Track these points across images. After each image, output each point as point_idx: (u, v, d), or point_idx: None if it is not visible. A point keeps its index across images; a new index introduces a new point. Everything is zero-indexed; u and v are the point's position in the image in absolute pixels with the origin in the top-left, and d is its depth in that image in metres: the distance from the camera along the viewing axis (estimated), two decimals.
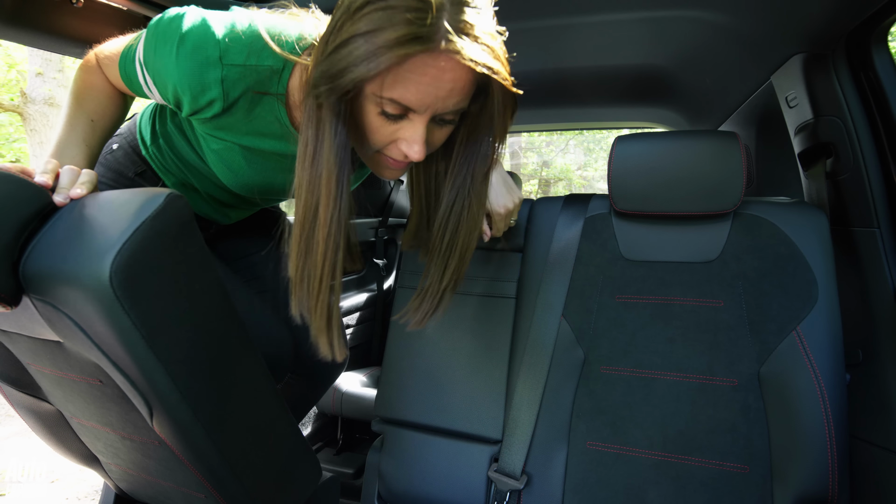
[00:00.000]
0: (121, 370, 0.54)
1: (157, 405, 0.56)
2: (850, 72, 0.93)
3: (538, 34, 1.12)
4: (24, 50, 5.18)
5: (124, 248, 0.49)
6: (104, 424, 0.73)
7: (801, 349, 0.83)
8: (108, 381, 0.62)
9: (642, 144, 0.94)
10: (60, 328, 0.57)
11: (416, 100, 0.60)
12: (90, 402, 0.70)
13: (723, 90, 1.36)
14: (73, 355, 0.62)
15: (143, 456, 0.75)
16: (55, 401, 0.76)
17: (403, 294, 1.16)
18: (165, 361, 0.54)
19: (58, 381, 0.70)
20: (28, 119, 4.77)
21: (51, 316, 0.55)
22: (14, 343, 0.69)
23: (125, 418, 0.68)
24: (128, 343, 0.52)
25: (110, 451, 0.81)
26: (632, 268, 0.97)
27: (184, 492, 0.78)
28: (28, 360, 0.72)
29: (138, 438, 0.71)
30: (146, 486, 0.86)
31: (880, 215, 0.91)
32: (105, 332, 0.51)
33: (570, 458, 0.93)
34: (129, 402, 0.63)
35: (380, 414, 1.10)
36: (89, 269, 0.49)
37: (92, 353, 0.56)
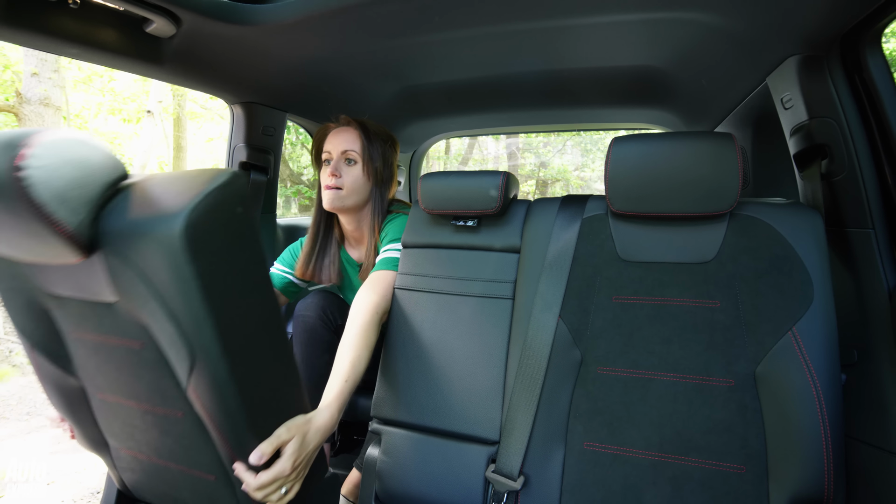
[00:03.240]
0: (174, 319, 0.61)
1: (200, 357, 0.62)
2: (845, 73, 0.93)
3: (535, 36, 1.12)
4: (19, 50, 5.16)
5: (196, 208, 0.58)
6: (129, 397, 0.77)
7: (797, 349, 0.83)
8: (150, 344, 0.68)
9: (639, 145, 0.95)
10: (122, 282, 0.64)
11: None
12: (122, 371, 0.75)
13: (719, 92, 1.36)
14: (121, 316, 0.68)
15: (160, 433, 0.78)
16: (84, 374, 0.81)
17: (401, 295, 1.16)
18: (213, 314, 0.60)
19: (96, 348, 0.75)
20: (23, 119, 4.74)
21: (116, 269, 0.63)
22: (63, 309, 0.75)
23: (155, 386, 0.72)
24: (186, 292, 0.59)
25: (125, 432, 0.83)
26: (629, 268, 0.97)
27: (194, 475, 0.80)
28: (71, 328, 0.77)
29: (161, 410, 0.75)
30: (153, 474, 0.87)
31: (875, 216, 0.92)
32: (167, 281, 0.59)
33: (568, 458, 0.93)
34: (164, 367, 0.69)
35: (377, 415, 1.10)
36: (165, 223, 0.58)
37: (146, 308, 0.63)
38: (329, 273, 1.40)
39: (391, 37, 1.13)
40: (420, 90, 1.59)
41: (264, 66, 1.24)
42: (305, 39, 1.11)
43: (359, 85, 1.50)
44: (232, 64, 1.20)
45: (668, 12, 0.99)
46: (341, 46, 1.17)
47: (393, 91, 1.58)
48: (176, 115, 8.19)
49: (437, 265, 1.15)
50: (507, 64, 1.33)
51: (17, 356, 4.40)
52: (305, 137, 5.49)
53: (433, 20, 1.04)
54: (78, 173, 0.60)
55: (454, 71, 1.41)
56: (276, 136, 1.55)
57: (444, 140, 2.93)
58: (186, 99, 8.22)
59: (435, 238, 1.17)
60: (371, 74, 1.43)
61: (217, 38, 1.05)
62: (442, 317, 1.11)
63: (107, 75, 7.17)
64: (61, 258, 0.63)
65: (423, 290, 1.14)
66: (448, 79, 1.48)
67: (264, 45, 1.12)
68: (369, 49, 1.21)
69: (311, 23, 1.01)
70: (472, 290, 1.10)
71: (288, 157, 7.16)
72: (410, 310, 1.14)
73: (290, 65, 1.25)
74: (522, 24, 1.05)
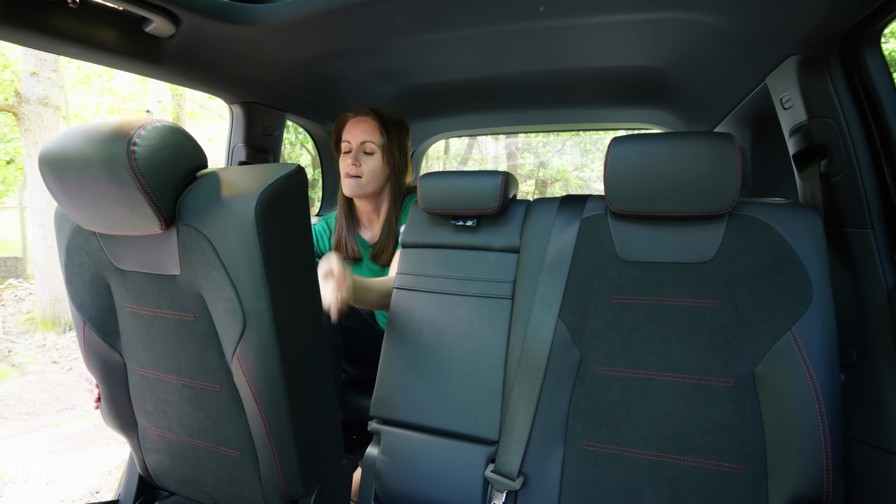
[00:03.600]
0: (234, 287, 0.71)
1: (251, 322, 0.71)
2: (844, 73, 0.93)
3: (535, 36, 1.12)
4: (18, 49, 5.15)
5: (266, 190, 0.69)
6: (171, 371, 0.84)
7: (796, 349, 0.83)
8: (202, 316, 0.78)
9: (638, 145, 0.95)
10: (191, 253, 0.74)
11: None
12: (170, 344, 0.83)
13: (718, 92, 1.36)
14: (180, 289, 0.78)
15: (194, 409, 0.84)
16: (129, 349, 0.89)
17: (400, 295, 1.16)
18: (269, 285, 0.70)
19: (148, 322, 0.84)
20: (23, 119, 4.74)
21: (188, 242, 0.74)
22: (125, 283, 0.84)
23: (198, 359, 0.81)
24: (250, 262, 0.70)
25: (158, 409, 0.89)
26: (628, 268, 0.97)
27: (220, 452, 0.85)
28: (128, 301, 0.85)
29: (200, 384, 0.82)
30: (177, 454, 0.91)
31: (874, 216, 0.92)
32: (235, 251, 0.70)
33: (567, 458, 0.93)
34: (211, 339, 0.78)
35: (376, 415, 1.10)
36: (240, 201, 0.70)
37: (208, 278, 0.73)
38: (352, 249, 1.51)
39: (390, 37, 1.13)
40: (419, 90, 1.59)
41: (263, 66, 1.24)
42: (304, 39, 1.11)
43: (358, 85, 1.50)
44: (231, 63, 1.19)
45: (667, 12, 0.99)
46: (340, 46, 1.17)
47: (392, 91, 1.58)
48: (175, 114, 8.18)
49: (437, 265, 1.15)
50: (506, 64, 1.34)
51: (16, 356, 4.39)
52: (305, 137, 5.49)
53: (432, 20, 1.04)
54: (171, 157, 0.72)
55: (453, 71, 1.41)
56: (275, 136, 1.55)
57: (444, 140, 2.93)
58: (186, 99, 8.21)
59: (434, 238, 1.17)
60: (370, 74, 1.43)
61: (216, 38, 1.05)
62: (441, 317, 1.11)
63: (106, 75, 7.17)
64: (146, 229, 0.74)
65: (422, 289, 1.14)
66: (447, 79, 1.48)
67: (263, 45, 1.12)
68: (368, 49, 1.21)
69: (310, 23, 1.01)
70: (471, 289, 1.10)
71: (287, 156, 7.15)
72: (410, 310, 1.14)
73: (289, 65, 1.25)
74: (522, 24, 1.05)
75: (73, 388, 3.87)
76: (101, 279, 0.86)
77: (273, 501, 0.85)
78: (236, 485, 0.87)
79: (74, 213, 0.78)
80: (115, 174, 0.68)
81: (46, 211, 4.86)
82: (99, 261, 0.85)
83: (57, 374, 4.16)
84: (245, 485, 0.86)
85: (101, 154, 0.68)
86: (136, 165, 0.67)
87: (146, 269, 0.80)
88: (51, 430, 3.15)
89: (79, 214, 0.78)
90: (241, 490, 0.87)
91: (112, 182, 0.69)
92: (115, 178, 0.68)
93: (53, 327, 4.91)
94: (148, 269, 0.80)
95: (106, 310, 0.88)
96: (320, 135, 1.93)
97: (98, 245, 0.84)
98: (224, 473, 0.88)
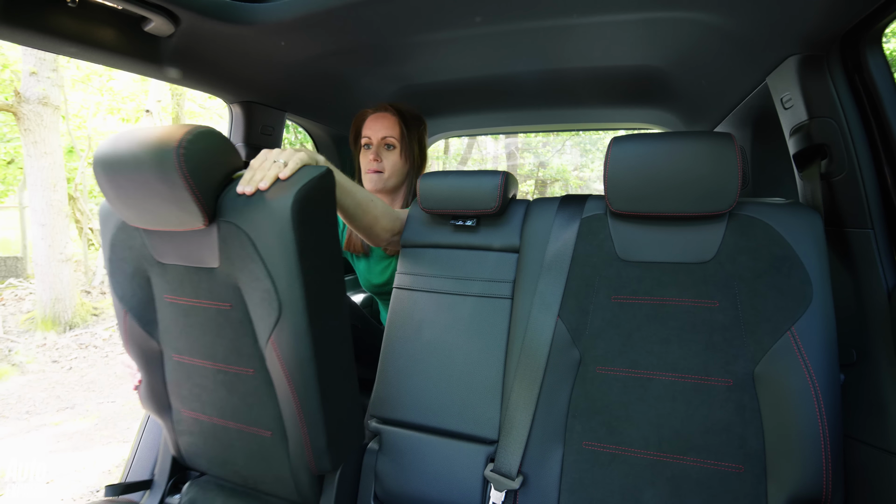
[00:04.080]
0: (270, 277, 0.78)
1: (286, 310, 0.78)
2: (845, 73, 0.93)
3: (535, 35, 1.12)
4: (18, 49, 5.15)
5: (302, 189, 0.77)
6: (206, 357, 0.91)
7: (796, 349, 0.83)
8: (238, 305, 0.85)
9: (638, 145, 0.95)
10: (230, 247, 0.81)
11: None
12: (206, 332, 0.90)
13: (718, 91, 1.36)
14: (218, 281, 0.85)
15: (227, 392, 0.91)
16: (166, 338, 0.96)
17: (400, 295, 1.16)
18: (303, 276, 0.77)
19: (186, 312, 0.91)
20: (22, 118, 4.74)
21: (227, 236, 0.81)
22: (165, 276, 0.91)
23: (233, 346, 0.88)
24: (286, 254, 0.76)
25: (193, 394, 0.96)
26: (628, 268, 0.97)
27: (251, 432, 0.92)
28: (167, 293, 0.92)
29: (234, 369, 0.89)
30: (209, 436, 0.98)
31: (874, 216, 0.92)
32: (272, 244, 0.77)
33: (566, 458, 0.93)
34: (246, 327, 0.85)
35: (376, 414, 1.10)
36: (278, 200, 0.77)
37: (245, 269, 0.80)
38: (364, 244, 1.51)
39: (390, 36, 1.13)
40: (419, 90, 1.59)
41: (263, 66, 1.24)
42: (304, 39, 1.11)
43: (358, 84, 1.50)
44: (230, 63, 1.19)
45: (667, 12, 0.99)
46: (340, 46, 1.17)
47: (392, 90, 1.58)
48: (175, 114, 8.18)
49: (436, 265, 1.15)
50: (506, 64, 1.33)
51: (16, 355, 4.39)
52: (304, 137, 5.49)
53: (432, 20, 1.04)
54: (214, 159, 0.80)
55: (453, 70, 1.41)
56: (274, 136, 1.55)
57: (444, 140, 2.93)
58: (185, 98, 8.21)
59: (434, 238, 1.17)
60: (370, 74, 1.42)
61: (216, 38, 1.05)
62: (441, 316, 1.11)
63: (105, 74, 7.16)
64: (190, 224, 0.81)
65: (422, 289, 1.14)
66: (447, 78, 1.48)
67: (263, 45, 1.11)
68: (368, 48, 1.21)
69: (309, 22, 1.01)
70: (470, 289, 1.10)
71: None
72: (409, 309, 1.14)
73: (288, 64, 1.25)
74: (522, 23, 1.05)
75: (73, 388, 3.88)
76: (143, 272, 0.94)
77: (301, 477, 0.91)
78: (265, 463, 0.93)
79: (123, 210, 0.85)
80: (165, 174, 0.75)
81: (46, 211, 4.87)
82: (141, 255, 0.92)
83: (57, 374, 4.16)
84: (274, 462, 0.92)
85: (153, 156, 0.75)
86: (184, 166, 0.74)
87: (186, 263, 0.88)
88: (51, 429, 3.15)
89: (127, 211, 0.85)
90: (270, 467, 0.93)
91: (162, 182, 0.76)
92: (165, 177, 0.75)
93: (53, 327, 4.91)
94: (188, 263, 0.87)
95: (146, 301, 0.95)
96: (320, 135, 1.93)
97: (141, 241, 0.91)
98: (254, 453, 0.93)
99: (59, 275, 4.95)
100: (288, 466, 0.91)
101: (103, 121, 7.99)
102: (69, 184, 5.74)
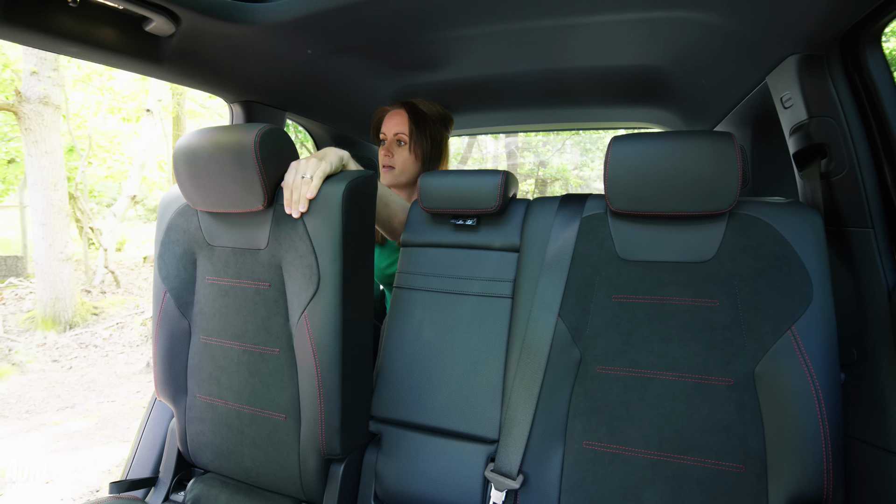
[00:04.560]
0: (315, 254, 0.92)
1: (324, 283, 0.91)
2: (845, 73, 0.93)
3: (535, 35, 1.12)
4: (18, 49, 5.15)
5: (352, 182, 0.94)
6: (235, 337, 1.02)
7: (796, 348, 0.83)
8: (276, 284, 0.98)
9: (638, 144, 0.95)
10: (282, 228, 0.96)
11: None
12: (240, 312, 1.01)
13: (718, 91, 1.36)
14: (262, 262, 0.99)
15: (248, 374, 1.00)
16: (200, 318, 1.06)
17: (400, 294, 1.16)
18: (343, 255, 0.91)
19: (225, 291, 1.03)
20: (23, 118, 4.74)
21: (281, 218, 0.96)
22: (212, 257, 1.04)
23: (264, 324, 0.99)
24: (332, 235, 0.91)
25: (212, 377, 1.04)
26: (628, 268, 0.97)
27: (265, 416, 0.99)
28: (210, 274, 1.05)
29: (260, 348, 0.99)
30: (220, 422, 1.04)
31: (874, 215, 0.92)
32: (321, 226, 0.92)
33: (567, 457, 0.93)
34: (280, 306, 0.97)
35: (376, 414, 1.10)
36: (331, 188, 0.93)
37: (292, 248, 0.94)
38: (380, 235, 1.54)
39: (390, 36, 1.13)
40: (419, 89, 1.59)
41: (263, 65, 1.24)
42: (304, 39, 1.11)
43: (358, 84, 1.50)
44: (231, 62, 1.19)
45: (667, 11, 0.99)
46: (340, 46, 1.17)
47: (392, 90, 1.58)
48: (175, 113, 8.18)
49: (437, 264, 1.15)
50: (506, 63, 1.33)
51: (16, 354, 4.39)
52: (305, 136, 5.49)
53: (432, 20, 1.04)
54: (281, 150, 0.96)
55: (453, 70, 1.41)
56: None
57: None
58: (186, 97, 8.21)
59: (434, 237, 1.17)
60: (370, 73, 1.42)
61: (216, 37, 1.05)
62: (441, 316, 1.11)
63: (106, 74, 7.16)
64: (251, 205, 0.95)
65: (422, 288, 1.14)
66: (447, 78, 1.48)
67: (263, 44, 1.11)
68: (368, 48, 1.21)
69: (309, 22, 1.01)
70: (471, 288, 1.10)
71: None
72: (409, 308, 1.14)
73: (289, 64, 1.25)
74: (522, 23, 1.05)
75: (73, 387, 3.88)
76: (191, 254, 1.06)
77: (308, 463, 0.96)
78: (273, 449, 0.99)
79: (194, 193, 0.99)
80: (241, 157, 0.91)
81: (46, 210, 4.87)
82: (193, 238, 1.06)
83: (57, 373, 4.17)
84: (282, 448, 0.98)
85: (235, 142, 0.91)
86: (258, 151, 0.90)
87: (235, 245, 1.01)
88: (51, 428, 3.15)
89: (195, 193, 0.99)
90: (277, 455, 0.99)
91: (236, 164, 0.92)
92: (240, 160, 0.91)
93: (53, 326, 4.91)
94: (237, 245, 1.01)
95: (187, 281, 1.07)
96: (320, 134, 1.93)
97: (197, 224, 1.05)
98: (263, 438, 1.00)
99: (59, 274, 4.95)
100: (296, 452, 0.96)
101: (104, 120, 7.99)
102: (69, 183, 5.73)
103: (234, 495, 1.02)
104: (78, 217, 6.43)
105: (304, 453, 0.96)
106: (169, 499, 1.07)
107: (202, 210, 1.03)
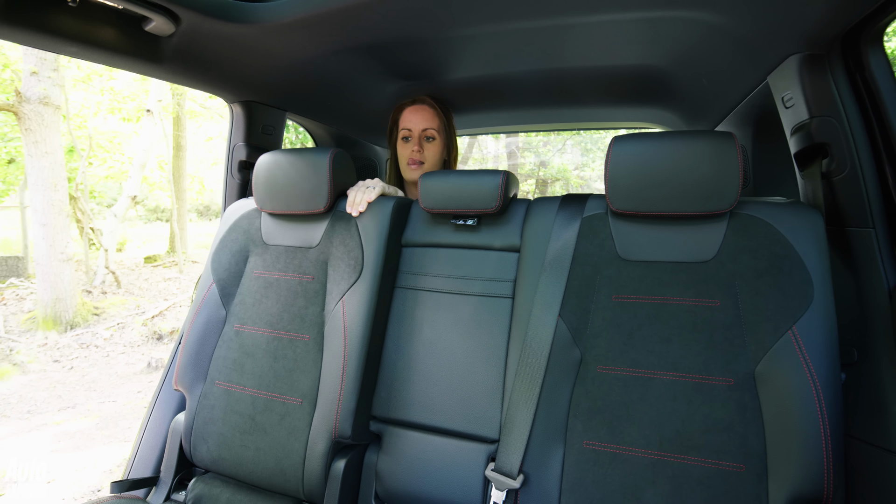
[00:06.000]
0: (362, 248, 1.12)
1: (366, 271, 1.09)
2: (846, 72, 0.93)
3: (536, 35, 1.12)
4: (18, 49, 5.15)
5: (399, 202, 1.18)
6: (268, 325, 1.14)
7: (797, 348, 0.83)
8: (319, 277, 1.13)
9: (639, 145, 0.94)
10: (336, 229, 1.15)
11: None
12: (279, 301, 1.14)
13: (719, 90, 1.36)
14: (310, 258, 1.16)
15: (273, 360, 1.11)
16: (240, 308, 1.18)
17: (401, 294, 1.16)
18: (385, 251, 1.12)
19: (269, 283, 1.17)
20: (23, 118, 4.74)
21: (337, 221, 1.16)
22: (263, 255, 1.20)
23: (300, 312, 1.12)
24: (380, 235, 1.12)
25: (236, 364, 1.14)
26: (628, 268, 0.97)
27: (281, 401, 1.07)
28: (259, 268, 1.20)
29: (292, 335, 1.11)
30: (232, 409, 1.11)
31: (875, 215, 0.92)
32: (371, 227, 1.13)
33: (567, 457, 0.93)
34: (319, 296, 1.12)
35: (377, 414, 1.10)
36: (384, 202, 1.16)
37: (342, 245, 1.13)
38: None
39: (390, 36, 1.13)
40: (419, 89, 1.59)
41: (263, 65, 1.24)
42: (304, 39, 1.11)
43: (358, 84, 1.50)
44: (231, 62, 1.19)
45: (668, 11, 0.98)
46: (340, 46, 1.17)
47: (392, 90, 1.58)
48: (175, 113, 8.19)
49: (437, 264, 1.15)
50: (506, 63, 1.33)
51: (17, 355, 4.40)
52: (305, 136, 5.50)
53: (432, 20, 1.04)
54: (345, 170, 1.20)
55: (454, 70, 1.41)
56: (275, 135, 1.55)
57: None
58: (186, 98, 8.22)
59: (435, 237, 1.17)
60: (370, 73, 1.42)
61: (216, 37, 1.05)
62: (442, 315, 1.11)
63: (106, 74, 7.16)
64: (314, 207, 1.15)
65: (423, 288, 1.14)
66: (448, 78, 1.48)
67: (263, 44, 1.11)
68: (368, 48, 1.21)
69: (310, 22, 1.01)
70: (471, 288, 1.10)
71: None
72: (410, 308, 1.14)
73: (289, 64, 1.25)
74: (522, 23, 1.04)
75: (74, 387, 3.88)
76: (245, 251, 1.22)
77: (315, 448, 1.02)
78: (282, 435, 1.05)
79: (265, 196, 1.19)
80: (317, 166, 1.14)
81: (47, 210, 4.87)
82: (251, 238, 1.23)
83: (58, 373, 4.17)
84: (292, 433, 1.04)
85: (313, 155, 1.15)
86: (331, 164, 1.14)
87: (290, 243, 1.18)
88: (52, 428, 3.16)
89: (267, 196, 1.19)
90: (285, 441, 1.05)
91: (313, 169, 1.14)
92: (316, 168, 1.14)
93: (54, 326, 4.92)
94: (291, 243, 1.18)
95: (235, 274, 1.21)
96: (320, 134, 1.92)
97: (258, 226, 1.23)
98: (274, 424, 1.06)
99: (60, 274, 4.96)
100: (305, 437, 1.03)
101: (104, 120, 7.99)
102: (70, 183, 5.74)
103: (236, 494, 1.02)
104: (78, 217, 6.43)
105: (313, 438, 1.02)
106: (170, 498, 1.07)
107: (269, 213, 1.21)
